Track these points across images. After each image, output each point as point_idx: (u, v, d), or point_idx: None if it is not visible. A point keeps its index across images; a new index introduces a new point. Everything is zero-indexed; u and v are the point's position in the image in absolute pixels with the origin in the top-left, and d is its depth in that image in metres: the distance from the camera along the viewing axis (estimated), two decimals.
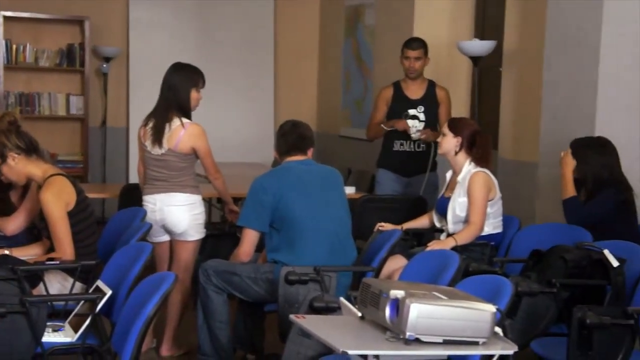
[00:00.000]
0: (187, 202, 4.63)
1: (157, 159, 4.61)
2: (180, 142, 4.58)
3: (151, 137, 4.63)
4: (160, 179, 4.63)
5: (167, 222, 4.65)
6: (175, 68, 4.77)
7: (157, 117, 4.66)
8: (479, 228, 4.43)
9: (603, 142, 4.42)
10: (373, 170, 6.35)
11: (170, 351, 4.76)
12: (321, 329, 2.61)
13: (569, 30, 4.99)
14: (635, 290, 3.64)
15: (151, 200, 4.65)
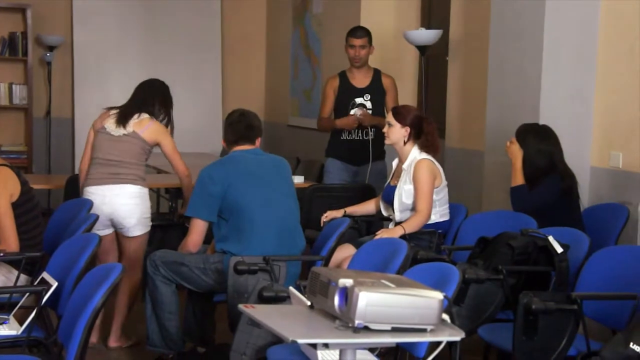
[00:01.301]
0: (138, 195, 4.61)
1: (116, 140, 4.63)
2: (147, 130, 4.69)
3: (116, 118, 4.68)
4: (112, 164, 4.59)
5: (117, 216, 4.60)
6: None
7: (129, 106, 4.75)
8: (426, 216, 4.47)
9: (542, 129, 4.50)
10: (322, 160, 6.36)
11: (119, 342, 4.72)
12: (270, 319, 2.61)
13: (513, 20, 5.05)
14: (578, 275, 3.71)
15: (99, 191, 4.59)
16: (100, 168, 4.64)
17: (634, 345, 2.98)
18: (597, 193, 4.77)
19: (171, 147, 4.79)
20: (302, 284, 3.43)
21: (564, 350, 3.31)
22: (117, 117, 4.68)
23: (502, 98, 5.14)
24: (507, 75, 5.10)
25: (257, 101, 9.06)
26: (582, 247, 3.87)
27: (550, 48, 4.80)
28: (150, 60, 8.85)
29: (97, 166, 4.66)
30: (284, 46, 8.76)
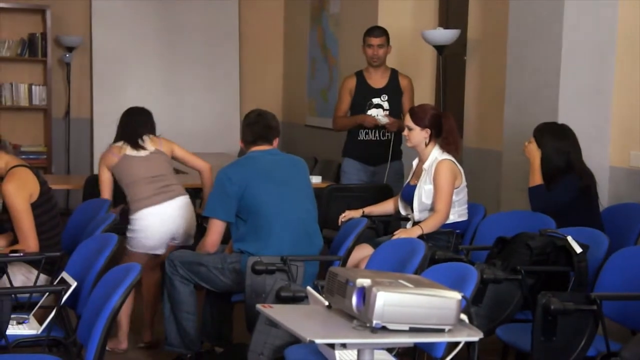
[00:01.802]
0: (189, 204, 4.76)
1: (146, 159, 4.71)
2: (162, 145, 4.83)
3: (129, 145, 4.76)
4: (158, 179, 4.68)
5: (180, 231, 4.72)
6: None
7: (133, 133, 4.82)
8: (445, 216, 4.46)
9: (560, 128, 4.48)
10: (339, 160, 6.36)
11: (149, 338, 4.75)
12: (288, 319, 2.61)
13: (531, 20, 5.03)
14: (597, 276, 3.69)
15: (159, 211, 4.66)
16: (149, 186, 4.69)
17: None
18: (617, 193, 4.75)
19: (183, 150, 4.94)
20: (319, 283, 3.43)
21: (583, 350, 3.29)
22: (130, 144, 4.75)
23: (520, 98, 5.13)
24: (525, 74, 5.08)
25: (275, 101, 9.07)
26: (601, 247, 3.85)
27: (568, 47, 4.78)
28: (168, 61, 8.89)
29: (144, 186, 4.69)
30: (301, 46, 8.76)
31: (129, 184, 4.73)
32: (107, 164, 4.81)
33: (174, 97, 8.75)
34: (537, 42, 4.98)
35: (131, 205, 4.73)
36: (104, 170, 4.83)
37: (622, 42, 4.75)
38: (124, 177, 4.75)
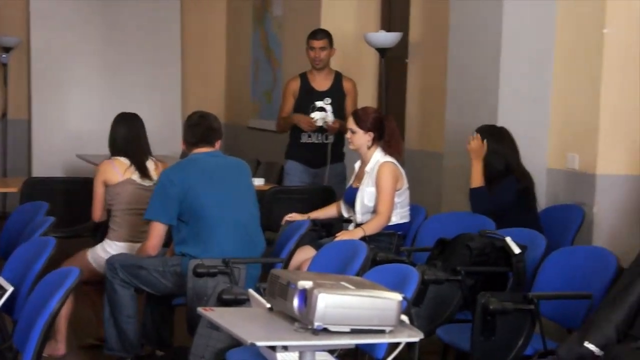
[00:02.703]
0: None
1: (147, 190, 4.49)
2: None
3: (138, 173, 4.61)
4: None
5: None
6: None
7: (139, 155, 4.66)
8: (387, 218, 4.49)
9: (497, 130, 4.55)
10: (282, 162, 6.35)
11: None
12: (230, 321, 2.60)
13: (471, 24, 5.10)
14: (535, 276, 3.76)
15: (132, 249, 4.50)
16: (138, 221, 4.51)
17: (588, 344, 3.03)
18: (554, 194, 4.83)
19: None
20: (261, 286, 3.43)
21: (520, 349, 3.34)
22: (140, 172, 4.60)
23: (461, 100, 5.19)
24: (465, 77, 5.15)
25: (217, 103, 9.03)
26: (538, 247, 3.92)
27: (508, 51, 4.85)
28: (109, 62, 8.78)
29: (134, 218, 4.54)
30: (244, 48, 8.74)
31: (121, 210, 4.58)
32: (105, 180, 4.62)
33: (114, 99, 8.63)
34: (477, 45, 5.05)
35: (113, 226, 4.58)
36: (100, 185, 4.63)
37: (559, 47, 4.84)
38: (120, 203, 4.58)
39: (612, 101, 4.56)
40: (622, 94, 4.56)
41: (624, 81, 4.55)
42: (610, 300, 3.13)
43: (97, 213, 4.69)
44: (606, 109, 4.55)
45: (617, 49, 4.53)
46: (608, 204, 4.56)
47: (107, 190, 4.62)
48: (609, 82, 4.54)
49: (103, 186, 4.63)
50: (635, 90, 4.56)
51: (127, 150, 4.65)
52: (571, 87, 4.77)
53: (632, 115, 4.57)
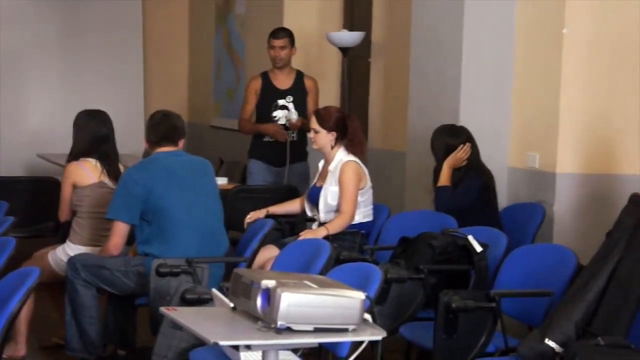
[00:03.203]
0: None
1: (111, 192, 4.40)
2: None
3: (111, 174, 4.54)
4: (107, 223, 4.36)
5: None
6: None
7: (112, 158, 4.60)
8: (350, 217, 4.50)
9: (455, 129, 4.60)
10: (245, 161, 6.34)
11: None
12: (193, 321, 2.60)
13: (433, 24, 5.13)
14: (496, 274, 3.79)
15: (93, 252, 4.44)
16: (100, 225, 4.46)
17: (549, 341, 3.07)
18: (515, 193, 4.88)
19: None
20: (225, 285, 3.42)
21: (482, 347, 3.37)
22: (112, 175, 4.52)
23: (423, 100, 5.22)
24: (427, 77, 5.18)
25: (180, 102, 8.98)
26: (500, 245, 3.96)
27: (469, 51, 4.89)
28: (70, 61, 8.70)
29: (97, 222, 4.48)
30: (207, 47, 8.71)
31: (88, 213, 4.52)
32: (75, 182, 4.55)
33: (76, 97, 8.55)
34: (438, 45, 5.08)
35: (77, 228, 4.52)
36: (68, 187, 4.55)
37: (519, 47, 4.89)
38: (87, 205, 4.51)
39: (572, 101, 4.62)
40: (581, 93, 4.62)
41: (583, 81, 4.61)
42: (570, 297, 3.17)
43: (63, 214, 4.64)
44: (565, 109, 4.61)
45: (576, 49, 4.59)
46: (567, 202, 4.62)
47: (74, 192, 4.57)
48: (568, 81, 4.60)
49: (71, 188, 4.58)
50: (594, 89, 4.63)
51: (98, 150, 4.58)
52: (531, 86, 4.83)
53: (591, 114, 4.64)
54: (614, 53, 4.62)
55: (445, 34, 5.01)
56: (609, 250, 3.19)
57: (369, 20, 6.32)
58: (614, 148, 4.59)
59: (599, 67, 4.62)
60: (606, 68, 4.63)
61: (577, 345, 2.97)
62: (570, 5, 4.56)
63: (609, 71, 4.63)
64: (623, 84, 4.63)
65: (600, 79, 4.62)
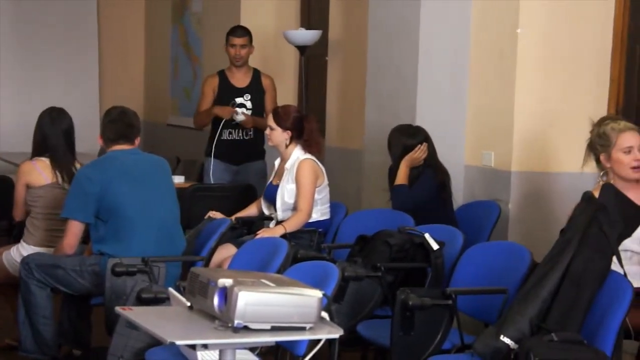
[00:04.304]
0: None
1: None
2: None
3: (66, 175, 4.45)
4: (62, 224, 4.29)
5: None
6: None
7: (67, 157, 4.52)
8: (307, 215, 4.51)
9: (413, 129, 4.63)
10: (202, 159, 6.32)
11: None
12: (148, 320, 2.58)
13: (390, 22, 5.15)
14: (453, 271, 3.82)
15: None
16: (54, 225, 4.39)
17: (504, 337, 3.10)
18: (471, 191, 4.93)
19: None
20: (182, 284, 3.40)
21: (439, 344, 3.40)
22: (67, 176, 4.44)
23: (380, 99, 5.24)
24: (385, 76, 5.20)
25: (136, 100, 8.90)
26: (456, 243, 3.98)
27: (425, 50, 4.92)
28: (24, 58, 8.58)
29: (51, 222, 4.41)
30: (163, 44, 8.65)
31: (42, 214, 4.44)
32: (28, 182, 4.47)
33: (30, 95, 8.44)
34: (395, 44, 5.11)
35: (31, 228, 4.45)
36: (22, 187, 4.48)
37: (475, 46, 4.93)
38: (41, 206, 4.44)
39: (526, 99, 4.67)
40: (536, 92, 4.68)
41: (538, 80, 4.67)
42: (524, 294, 3.20)
43: (18, 214, 4.58)
44: (520, 108, 4.66)
45: (531, 48, 4.64)
46: (522, 200, 4.67)
47: (28, 192, 4.50)
48: (523, 80, 4.65)
49: (25, 188, 4.51)
50: (548, 88, 4.68)
51: (54, 150, 4.51)
52: (487, 85, 4.87)
53: (545, 113, 4.69)
54: (567, 53, 4.69)
55: (402, 32, 5.04)
56: (562, 248, 3.23)
57: (326, 19, 6.33)
58: (567, 146, 4.65)
59: (552, 67, 4.68)
60: (559, 68, 4.69)
61: (531, 341, 3.01)
62: (524, 5, 4.61)
63: (562, 71, 4.69)
64: (575, 84, 4.70)
65: (553, 79, 4.68)
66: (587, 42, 4.68)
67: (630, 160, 3.49)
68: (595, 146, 3.57)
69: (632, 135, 3.51)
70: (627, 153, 3.49)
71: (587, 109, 4.59)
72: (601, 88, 4.72)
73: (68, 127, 4.58)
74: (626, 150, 3.49)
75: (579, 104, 4.69)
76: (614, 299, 3.02)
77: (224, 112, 5.84)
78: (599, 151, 3.55)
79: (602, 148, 3.54)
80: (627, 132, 3.51)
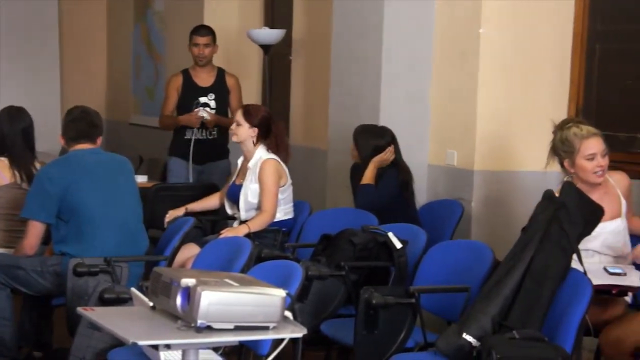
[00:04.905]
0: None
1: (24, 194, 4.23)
2: None
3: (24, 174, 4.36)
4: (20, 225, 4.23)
5: None
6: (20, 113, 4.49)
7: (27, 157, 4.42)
8: (271, 215, 4.50)
9: (380, 130, 4.65)
10: (165, 158, 6.28)
11: None
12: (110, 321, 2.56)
13: (354, 21, 5.17)
14: (416, 270, 3.84)
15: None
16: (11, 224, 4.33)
17: (466, 335, 3.12)
18: (434, 190, 4.96)
19: None
20: (144, 284, 3.38)
21: (402, 342, 3.42)
22: (26, 176, 4.35)
23: (344, 98, 5.25)
24: (348, 75, 5.21)
25: (98, 99, 8.82)
26: (419, 242, 4.01)
27: (389, 50, 4.94)
28: None
29: (7, 223, 4.33)
30: (125, 43, 8.58)
31: (1, 215, 4.35)
32: None
33: None
34: (359, 44, 5.12)
35: None
36: None
37: (438, 46, 4.96)
38: (2, 207, 4.34)
39: (489, 99, 4.71)
40: (498, 92, 4.72)
41: (500, 80, 4.71)
42: (486, 292, 3.23)
43: None
44: (483, 107, 4.70)
45: (493, 48, 4.69)
46: (485, 199, 4.71)
47: None
48: (485, 80, 4.69)
49: None
50: (510, 88, 4.73)
51: (13, 150, 4.44)
52: (450, 85, 4.90)
53: (507, 113, 4.74)
54: (528, 54, 4.74)
55: (366, 32, 5.05)
56: (524, 246, 3.26)
57: (289, 18, 6.33)
58: (528, 146, 4.70)
59: (514, 68, 4.72)
60: (521, 68, 4.73)
61: (493, 339, 3.04)
62: (486, 6, 4.65)
63: (524, 71, 4.74)
64: (537, 84, 4.75)
65: (515, 79, 4.73)
66: (548, 43, 4.74)
67: (593, 167, 3.53)
68: (558, 152, 3.60)
69: (595, 141, 3.55)
70: (590, 160, 3.53)
71: (548, 109, 4.65)
72: (562, 88, 4.78)
73: (27, 126, 4.50)
74: (589, 158, 3.53)
75: (540, 104, 4.74)
76: (574, 297, 3.06)
77: (190, 122, 5.81)
78: (563, 157, 3.59)
79: (565, 154, 3.57)
80: (591, 139, 3.54)
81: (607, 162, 3.55)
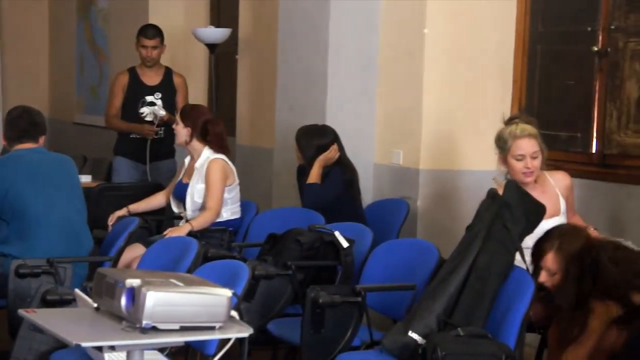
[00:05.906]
0: None
1: None
2: None
3: None
4: None
5: None
6: None
7: None
8: (215, 213, 4.49)
9: (322, 129, 4.66)
10: (110, 158, 6.22)
11: None
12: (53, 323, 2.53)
13: (300, 20, 5.17)
14: (362, 269, 3.86)
15: None
16: None
17: (412, 333, 3.15)
18: (380, 189, 4.99)
19: None
20: (89, 285, 3.35)
21: (348, 341, 3.43)
22: None
23: (291, 97, 5.25)
24: (295, 74, 5.22)
25: (41, 98, 8.70)
26: (365, 241, 4.02)
27: (335, 48, 4.96)
28: None
29: None
30: (68, 41, 8.46)
31: None
32: None
33: None
34: (305, 43, 5.13)
35: None
36: None
37: (383, 46, 4.99)
38: None
39: (433, 99, 4.75)
40: (442, 92, 4.77)
41: (444, 80, 4.76)
42: (431, 291, 3.26)
43: None
44: (428, 107, 4.74)
45: (437, 49, 4.73)
46: (430, 198, 4.76)
47: None
48: (430, 80, 4.74)
49: None
50: (455, 88, 4.78)
51: None
52: (395, 85, 4.94)
53: (451, 112, 4.79)
54: (472, 54, 4.79)
55: (312, 31, 5.06)
56: (468, 244, 3.30)
57: (235, 17, 6.31)
58: (473, 145, 4.76)
59: (458, 68, 4.78)
60: (465, 68, 4.79)
61: (438, 336, 3.06)
62: (431, 6, 4.69)
63: (468, 71, 4.79)
64: (480, 84, 4.81)
65: (459, 79, 4.78)
66: (490, 44, 4.80)
67: (521, 167, 3.65)
68: (496, 146, 3.71)
69: (527, 142, 3.64)
70: (519, 160, 3.64)
71: (491, 109, 4.71)
72: (505, 89, 4.85)
73: None
74: (519, 158, 3.64)
75: (484, 103, 4.80)
76: (517, 294, 3.11)
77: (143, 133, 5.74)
78: (499, 152, 3.69)
79: (500, 150, 3.70)
80: (523, 140, 3.64)
81: (539, 163, 3.66)
